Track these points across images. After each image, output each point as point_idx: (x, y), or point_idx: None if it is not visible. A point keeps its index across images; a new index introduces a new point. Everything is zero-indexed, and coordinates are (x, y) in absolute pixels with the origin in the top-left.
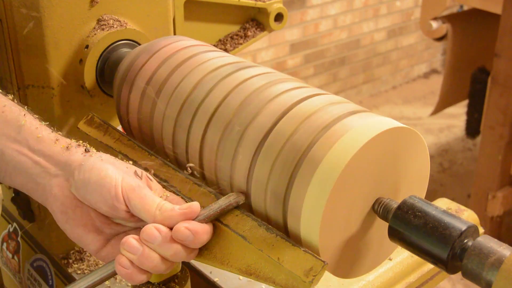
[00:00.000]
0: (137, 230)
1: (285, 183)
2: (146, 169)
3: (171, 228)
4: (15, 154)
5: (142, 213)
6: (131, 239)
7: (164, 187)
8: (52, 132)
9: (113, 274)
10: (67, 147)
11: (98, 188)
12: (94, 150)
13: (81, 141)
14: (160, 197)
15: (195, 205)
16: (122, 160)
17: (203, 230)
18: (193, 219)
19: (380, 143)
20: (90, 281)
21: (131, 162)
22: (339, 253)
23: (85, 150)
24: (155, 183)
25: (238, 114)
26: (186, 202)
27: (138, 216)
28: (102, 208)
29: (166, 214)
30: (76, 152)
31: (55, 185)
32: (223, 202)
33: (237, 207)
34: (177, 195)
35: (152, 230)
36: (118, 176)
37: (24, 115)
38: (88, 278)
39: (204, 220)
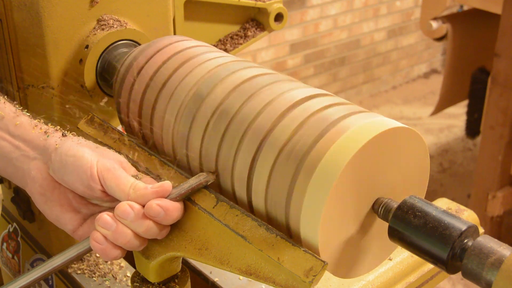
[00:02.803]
0: (112, 209)
1: (287, 184)
2: (147, 169)
3: (143, 206)
4: None
5: (116, 193)
6: (105, 216)
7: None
8: (31, 118)
9: (89, 250)
10: (45, 132)
11: (75, 169)
12: (71, 135)
13: (58, 127)
14: (133, 176)
15: (167, 184)
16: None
17: (174, 207)
18: (165, 197)
19: (380, 143)
20: (66, 256)
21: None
22: (339, 253)
23: (62, 134)
24: (129, 165)
25: (238, 115)
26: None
27: (113, 195)
28: (79, 188)
29: (139, 193)
30: (53, 136)
31: (34, 168)
32: (193, 181)
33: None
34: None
35: (125, 206)
36: (94, 158)
37: (4, 102)
38: (65, 254)
39: (176, 198)
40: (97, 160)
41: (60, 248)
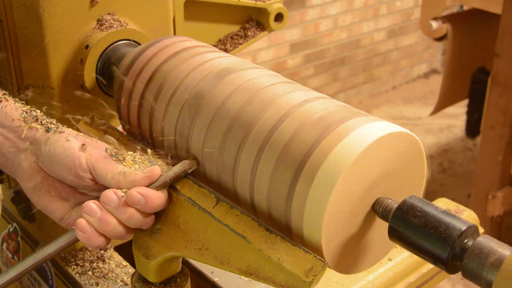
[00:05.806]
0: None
1: (288, 184)
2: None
3: None
4: None
5: (107, 180)
6: (91, 203)
7: None
8: (21, 108)
9: (77, 240)
10: (35, 123)
11: (63, 159)
12: (60, 127)
13: (48, 118)
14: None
15: (156, 169)
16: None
17: (155, 195)
18: (150, 185)
19: (380, 146)
20: (56, 246)
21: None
22: (341, 251)
23: (48, 128)
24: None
25: (240, 116)
26: None
27: (103, 183)
28: (67, 177)
29: (130, 179)
30: (43, 128)
31: (24, 159)
32: (177, 169)
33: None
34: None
35: (110, 193)
36: (81, 147)
37: None
38: (55, 244)
39: (161, 186)
40: (85, 149)
41: None
